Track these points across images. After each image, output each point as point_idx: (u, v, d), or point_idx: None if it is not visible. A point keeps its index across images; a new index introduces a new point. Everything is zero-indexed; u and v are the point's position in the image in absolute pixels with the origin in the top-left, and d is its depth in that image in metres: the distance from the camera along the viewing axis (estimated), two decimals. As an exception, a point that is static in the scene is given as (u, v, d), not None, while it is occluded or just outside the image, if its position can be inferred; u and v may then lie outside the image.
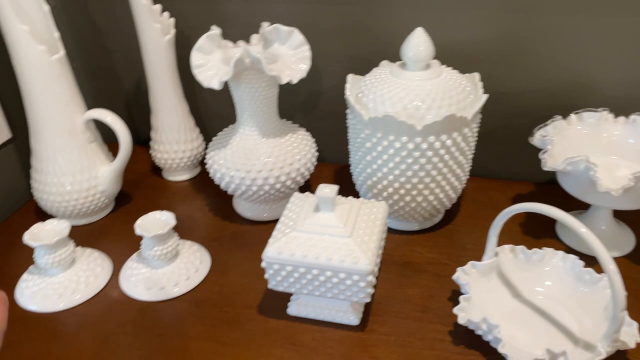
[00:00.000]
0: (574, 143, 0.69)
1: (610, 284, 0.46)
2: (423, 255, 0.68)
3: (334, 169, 0.87)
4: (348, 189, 0.74)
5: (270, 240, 0.55)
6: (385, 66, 0.69)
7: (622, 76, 0.73)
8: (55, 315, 0.61)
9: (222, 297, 0.62)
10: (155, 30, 0.73)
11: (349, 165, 0.73)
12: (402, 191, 0.66)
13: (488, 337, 0.52)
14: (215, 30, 0.65)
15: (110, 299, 0.63)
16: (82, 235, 0.72)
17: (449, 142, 0.61)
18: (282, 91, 0.70)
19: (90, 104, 0.75)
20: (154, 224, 0.62)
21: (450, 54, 0.73)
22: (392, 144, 0.62)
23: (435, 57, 0.65)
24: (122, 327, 0.59)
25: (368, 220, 0.57)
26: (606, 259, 0.46)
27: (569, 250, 0.67)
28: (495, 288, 0.60)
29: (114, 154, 0.75)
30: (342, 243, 0.53)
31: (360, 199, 0.60)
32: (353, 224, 0.55)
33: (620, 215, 0.69)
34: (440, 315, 0.59)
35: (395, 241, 0.71)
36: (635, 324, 0.50)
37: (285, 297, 0.61)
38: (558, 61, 0.74)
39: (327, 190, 0.54)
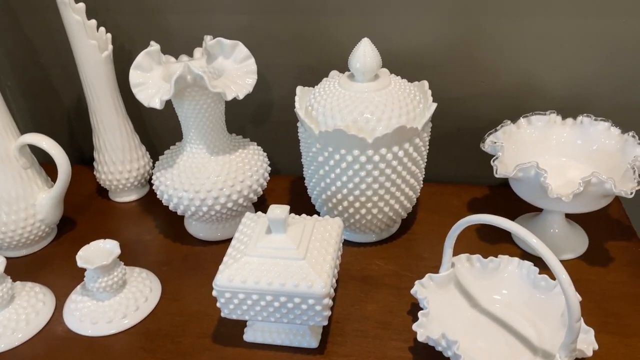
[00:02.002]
0: (524, 147, 0.69)
1: (565, 296, 0.46)
2: (381, 268, 0.67)
3: (290, 181, 0.85)
4: (305, 202, 0.72)
5: (221, 267, 0.52)
6: (334, 77, 0.67)
7: (567, 77, 0.74)
8: (-5, 357, 0.57)
9: (175, 327, 0.59)
10: (91, 47, 0.69)
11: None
12: (357, 204, 0.64)
13: (448, 354, 0.51)
14: (154, 46, 0.62)
15: (54, 336, 0.59)
16: (22, 268, 0.68)
17: (400, 153, 0.60)
18: (231, 104, 0.67)
19: (29, 124, 0.71)
20: (98, 253, 0.59)
21: (399, 62, 0.72)
22: (344, 158, 0.60)
23: (385, 66, 0.64)
24: (68, 366, 0.56)
25: (322, 239, 0.55)
26: (559, 270, 0.46)
27: (525, 255, 0.67)
28: (453, 299, 0.59)
29: (55, 176, 0.71)
30: (296, 266, 0.51)
31: (314, 216, 0.58)
32: (307, 245, 0.53)
33: (573, 216, 0.70)
34: (400, 331, 0.58)
35: (354, 254, 0.69)
36: (591, 330, 0.50)
37: (242, 322, 0.58)
38: (505, 64, 0.74)
39: (278, 211, 0.52)
